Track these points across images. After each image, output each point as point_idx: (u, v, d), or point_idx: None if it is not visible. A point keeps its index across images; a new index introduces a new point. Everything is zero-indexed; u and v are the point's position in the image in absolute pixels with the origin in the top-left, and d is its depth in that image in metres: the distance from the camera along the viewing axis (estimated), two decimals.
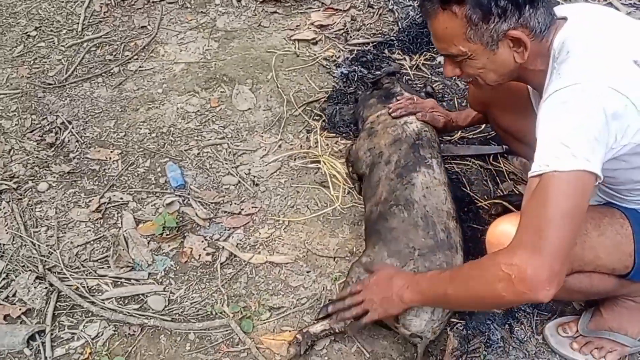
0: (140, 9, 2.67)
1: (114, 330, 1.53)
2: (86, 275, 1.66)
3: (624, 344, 1.40)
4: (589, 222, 1.19)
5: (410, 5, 2.64)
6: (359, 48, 2.40)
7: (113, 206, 1.85)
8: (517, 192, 1.78)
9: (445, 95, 2.18)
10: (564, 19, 1.14)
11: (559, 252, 1.00)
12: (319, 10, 2.63)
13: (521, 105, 1.45)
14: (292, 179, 1.91)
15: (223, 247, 1.72)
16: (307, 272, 1.64)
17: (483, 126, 1.99)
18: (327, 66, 2.32)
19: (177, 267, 1.69)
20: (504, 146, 1.90)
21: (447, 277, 1.19)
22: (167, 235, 1.75)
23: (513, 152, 1.84)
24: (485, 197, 1.80)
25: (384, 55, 2.36)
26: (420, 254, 1.38)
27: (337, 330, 1.42)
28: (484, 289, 1.08)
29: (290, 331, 1.50)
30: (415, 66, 2.30)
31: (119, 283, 1.65)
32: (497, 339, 1.47)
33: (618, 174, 1.17)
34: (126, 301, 1.61)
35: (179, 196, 1.87)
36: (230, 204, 1.85)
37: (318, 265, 1.66)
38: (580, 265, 1.20)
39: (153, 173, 1.95)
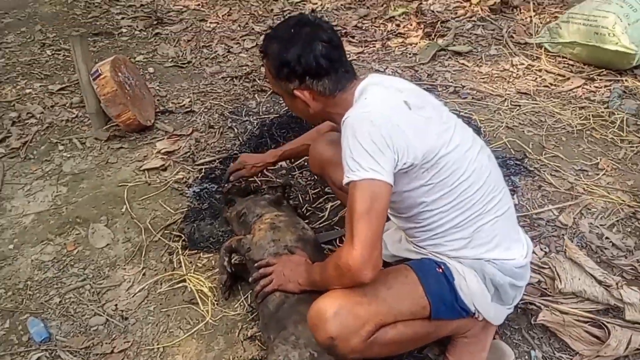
0: None
1: None
2: None
3: None
4: (378, 282, 1.43)
5: (247, 120, 2.93)
6: (207, 166, 2.59)
7: None
8: None
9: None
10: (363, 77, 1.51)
11: (366, 242, 1.28)
12: (164, 139, 2.80)
13: None
14: (160, 304, 1.96)
15: None
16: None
17: (326, 214, 2.24)
18: (179, 188, 2.47)
19: None
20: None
21: (320, 269, 1.53)
22: None
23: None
24: None
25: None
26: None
27: None
28: (333, 279, 1.42)
29: None
30: (260, 173, 2.52)
31: None
32: None
33: (402, 198, 1.46)
34: None
35: (45, 350, 1.82)
36: (101, 345, 1.84)
37: None
38: (381, 320, 1.39)
39: (14, 333, 1.89)
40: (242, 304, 1.92)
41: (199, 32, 3.98)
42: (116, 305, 1.97)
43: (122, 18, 4.19)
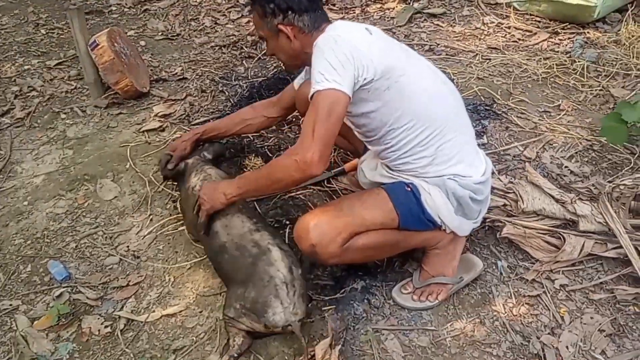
0: None
1: None
2: None
3: (445, 283, 1.85)
4: (354, 200, 1.73)
5: (237, 84, 3.12)
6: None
7: (4, 314, 1.95)
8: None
9: (282, 146, 2.63)
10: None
11: (324, 141, 1.52)
12: (160, 103, 2.99)
13: None
14: (168, 243, 2.18)
15: (119, 317, 1.91)
16: (200, 312, 1.90)
17: None
18: None
19: (81, 347, 1.83)
20: (332, 171, 2.36)
21: (256, 173, 1.79)
22: (63, 322, 1.90)
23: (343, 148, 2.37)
24: None
25: None
26: (248, 273, 1.70)
27: None
28: (282, 175, 1.61)
29: None
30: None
31: None
32: (361, 311, 1.84)
33: (370, 119, 1.67)
34: None
35: (67, 287, 2.04)
36: (117, 280, 2.05)
37: (208, 304, 1.92)
38: (354, 229, 1.64)
39: (36, 274, 2.10)
40: None
41: (186, 7, 4.14)
42: (128, 247, 2.19)
43: None
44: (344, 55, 1.52)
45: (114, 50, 2.87)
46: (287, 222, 2.17)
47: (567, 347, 1.70)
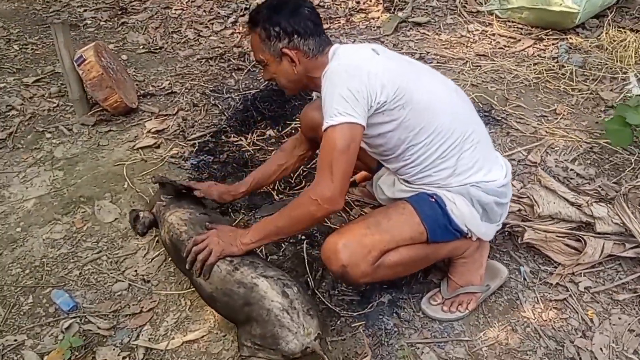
0: None
1: None
2: None
3: (474, 292, 1.83)
4: (380, 217, 1.67)
5: (229, 97, 3.05)
6: (199, 140, 2.71)
7: (9, 350, 1.82)
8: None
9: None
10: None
11: (343, 175, 1.53)
12: (151, 119, 2.89)
13: None
14: None
15: (137, 346, 1.81)
16: (224, 336, 1.81)
17: None
18: (176, 162, 2.58)
19: None
20: None
21: (275, 217, 1.67)
22: (76, 356, 1.78)
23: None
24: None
25: (223, 140, 2.69)
26: (245, 313, 1.60)
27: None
28: (302, 215, 1.59)
29: None
30: (251, 142, 2.67)
31: None
32: (392, 326, 1.80)
33: (387, 139, 1.66)
34: None
35: (75, 317, 1.92)
36: (129, 307, 1.95)
37: (231, 327, 1.83)
38: (384, 246, 1.60)
39: (40, 306, 1.96)
40: None
41: (166, 19, 4.03)
42: (136, 271, 2.08)
43: (85, 10, 4.18)
44: (356, 85, 1.51)
45: (102, 65, 2.76)
46: (303, 237, 2.12)
47: (600, 349, 1.71)
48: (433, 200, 1.67)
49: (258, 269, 1.64)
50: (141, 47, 3.69)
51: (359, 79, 1.52)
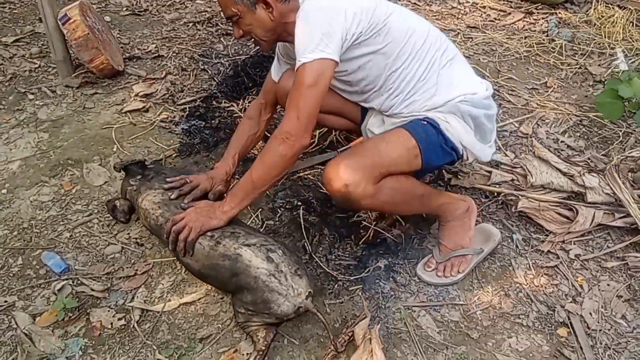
0: None
1: None
2: None
3: (465, 254, 1.86)
4: (378, 140, 1.69)
5: (219, 62, 2.99)
6: (189, 105, 2.65)
7: (0, 312, 1.78)
8: None
9: None
10: None
11: (309, 112, 1.52)
12: (139, 82, 2.81)
13: None
14: None
15: (132, 308, 1.79)
16: (221, 298, 1.81)
17: (315, 140, 2.40)
18: (167, 127, 2.52)
19: (93, 342, 1.70)
20: (337, 150, 2.32)
21: (249, 172, 1.63)
22: (70, 317, 1.75)
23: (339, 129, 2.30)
24: None
25: (214, 106, 2.64)
26: (235, 283, 1.60)
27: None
28: (273, 158, 1.58)
29: (226, 350, 1.66)
30: (243, 109, 2.63)
31: None
32: (388, 290, 1.83)
33: (368, 70, 1.69)
34: None
35: (67, 279, 1.88)
36: (123, 270, 1.92)
37: None
38: (383, 168, 1.61)
39: (30, 268, 1.92)
40: (254, 220, 2.06)
41: None
42: (129, 234, 2.04)
43: None
44: (329, 21, 1.52)
45: (88, 25, 2.66)
46: (299, 203, 2.11)
47: (590, 313, 1.77)
48: (425, 123, 1.70)
49: (240, 238, 1.63)
50: (124, 8, 3.57)
51: (332, 16, 1.52)
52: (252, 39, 1.73)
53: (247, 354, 1.62)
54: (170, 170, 2.00)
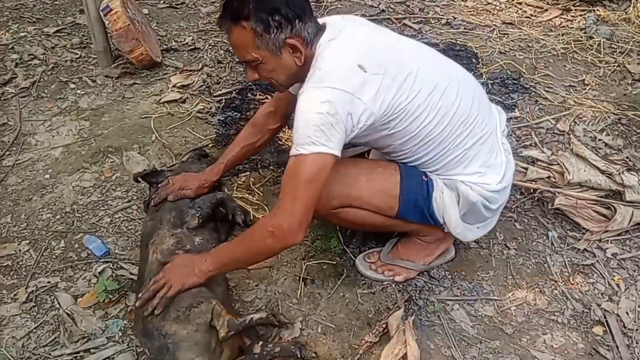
0: None
1: None
2: None
3: (410, 268, 1.81)
4: (363, 170, 1.57)
5: None
6: (225, 97, 2.69)
7: (43, 292, 1.84)
8: None
9: None
10: (323, 29, 1.48)
11: (304, 209, 1.41)
12: (176, 74, 2.87)
13: None
14: None
15: None
16: (256, 285, 1.84)
17: None
18: (204, 117, 2.57)
19: (132, 324, 1.75)
20: None
21: (233, 245, 1.61)
22: (110, 299, 1.81)
23: None
24: None
25: (249, 98, 2.68)
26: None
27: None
28: (258, 248, 1.50)
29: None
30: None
31: (80, 357, 1.67)
32: (422, 283, 1.83)
33: (380, 143, 1.58)
34: None
35: (108, 262, 1.94)
36: None
37: (262, 277, 1.86)
38: (348, 202, 1.57)
39: (72, 251, 1.98)
40: None
41: None
42: None
43: None
44: (335, 113, 1.36)
45: (128, 17, 2.72)
46: None
47: (627, 312, 1.75)
48: (426, 179, 1.61)
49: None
50: (162, 1, 3.63)
51: (340, 106, 1.36)
52: (268, 82, 1.59)
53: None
54: (171, 172, 2.04)
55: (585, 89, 2.73)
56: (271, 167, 2.29)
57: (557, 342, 1.67)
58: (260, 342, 1.57)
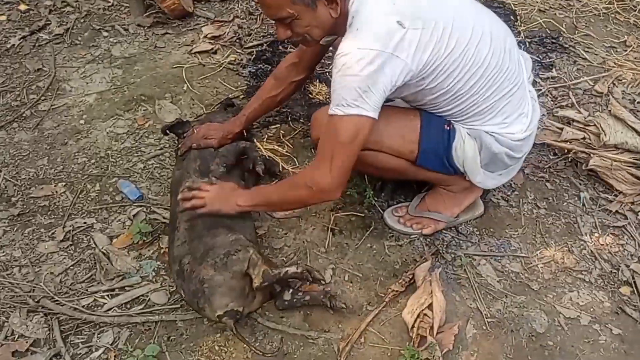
0: (28, 54, 2.67)
1: (130, 331, 1.63)
2: (79, 296, 1.72)
3: (438, 220, 1.81)
4: (381, 114, 1.45)
5: None
6: (256, 49, 2.68)
7: (79, 231, 1.91)
8: None
9: None
10: None
11: (342, 170, 1.46)
12: (208, 24, 2.85)
13: None
14: None
15: None
16: (285, 233, 1.87)
17: None
18: (234, 69, 2.57)
19: (165, 265, 1.81)
20: None
21: (271, 190, 1.74)
22: (144, 241, 1.86)
23: None
24: None
25: (280, 50, 2.66)
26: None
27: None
28: (295, 197, 1.58)
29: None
30: None
31: (115, 294, 1.73)
32: (449, 238, 1.84)
33: (410, 97, 1.57)
34: (129, 306, 1.70)
35: (141, 206, 1.99)
36: None
37: (291, 227, 1.89)
38: (369, 146, 1.54)
39: (107, 194, 2.04)
40: None
41: None
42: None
43: None
44: (372, 74, 1.34)
45: None
46: None
47: None
48: (448, 128, 1.59)
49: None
50: None
51: (378, 65, 1.34)
52: (300, 40, 1.54)
53: None
54: (197, 122, 2.06)
55: (626, 50, 2.64)
56: (301, 120, 2.29)
57: (583, 300, 1.68)
58: (291, 290, 1.62)
